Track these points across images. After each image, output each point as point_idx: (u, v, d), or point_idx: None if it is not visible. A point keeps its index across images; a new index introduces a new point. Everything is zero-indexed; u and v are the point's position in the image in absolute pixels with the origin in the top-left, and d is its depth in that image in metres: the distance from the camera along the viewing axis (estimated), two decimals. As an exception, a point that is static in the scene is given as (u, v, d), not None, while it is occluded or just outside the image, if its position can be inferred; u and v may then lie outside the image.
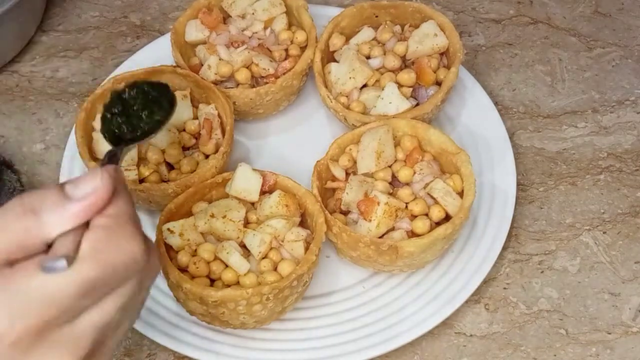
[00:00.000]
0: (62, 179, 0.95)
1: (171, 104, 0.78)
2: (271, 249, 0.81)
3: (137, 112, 0.75)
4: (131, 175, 0.88)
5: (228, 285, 0.80)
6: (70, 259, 0.51)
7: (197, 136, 0.92)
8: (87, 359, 0.53)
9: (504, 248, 0.90)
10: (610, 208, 0.95)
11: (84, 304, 0.52)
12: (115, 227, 0.53)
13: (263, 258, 0.81)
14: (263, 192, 0.86)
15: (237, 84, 0.96)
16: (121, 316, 0.55)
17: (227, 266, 0.80)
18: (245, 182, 0.85)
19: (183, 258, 0.81)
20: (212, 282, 0.81)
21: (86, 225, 0.54)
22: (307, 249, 0.82)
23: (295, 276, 0.78)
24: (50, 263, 0.50)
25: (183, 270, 0.81)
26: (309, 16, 0.99)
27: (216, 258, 0.81)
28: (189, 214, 0.85)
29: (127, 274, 0.53)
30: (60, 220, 0.52)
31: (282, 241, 0.82)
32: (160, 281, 0.86)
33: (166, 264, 0.79)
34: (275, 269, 0.80)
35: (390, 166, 0.88)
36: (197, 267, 0.80)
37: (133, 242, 0.54)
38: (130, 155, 0.88)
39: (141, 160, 0.90)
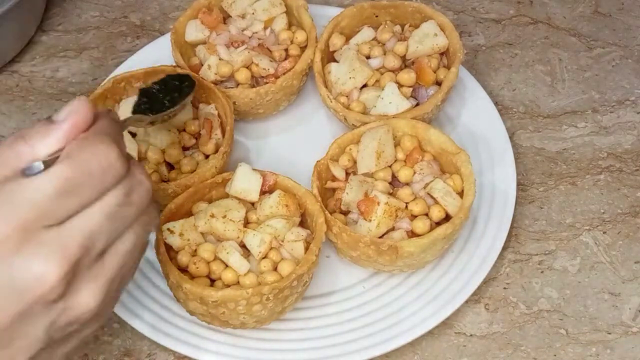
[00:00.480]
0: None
1: (191, 87, 0.86)
2: (271, 249, 0.81)
3: (160, 99, 0.82)
4: None
5: (228, 285, 0.80)
6: (49, 164, 0.55)
7: (197, 136, 0.92)
8: (78, 268, 0.55)
9: (504, 248, 0.90)
10: (610, 208, 0.95)
11: (66, 206, 0.55)
12: (91, 137, 0.57)
13: (263, 258, 0.81)
14: (263, 192, 0.86)
15: (237, 84, 0.96)
16: (110, 228, 0.57)
17: (227, 266, 0.80)
18: (245, 182, 0.85)
19: (183, 258, 0.81)
20: (213, 282, 0.81)
21: None
22: (307, 249, 0.82)
23: (295, 276, 0.78)
24: (29, 166, 0.55)
25: (183, 270, 0.81)
26: (309, 16, 0.99)
27: (216, 258, 0.81)
28: (189, 213, 0.85)
29: (104, 178, 0.56)
30: (47, 142, 0.56)
31: (282, 241, 0.82)
32: (161, 281, 0.86)
33: (166, 264, 0.79)
34: (275, 269, 0.80)
35: (390, 166, 0.88)
36: (197, 268, 0.80)
37: (108, 149, 0.56)
38: (132, 155, 0.88)
39: (141, 160, 0.90)
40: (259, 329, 0.84)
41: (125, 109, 0.92)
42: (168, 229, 0.82)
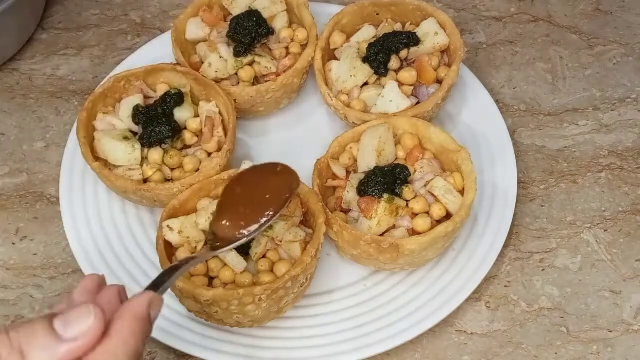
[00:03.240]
0: (62, 178, 0.95)
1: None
2: (269, 249, 0.81)
3: None
4: (135, 175, 0.87)
5: (226, 284, 0.80)
6: None
7: (198, 134, 0.92)
8: None
9: (505, 246, 0.90)
10: (612, 206, 0.95)
11: None
12: None
13: (261, 258, 0.81)
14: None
15: (238, 82, 0.96)
16: None
17: (225, 264, 0.80)
18: (248, 180, 0.85)
19: (182, 255, 0.81)
20: (212, 280, 0.81)
21: None
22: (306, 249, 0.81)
23: (288, 277, 0.77)
24: None
25: (183, 267, 0.81)
26: (309, 14, 0.99)
27: (215, 256, 0.81)
28: (194, 210, 0.85)
29: None
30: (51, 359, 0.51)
31: (280, 242, 0.81)
32: (161, 279, 0.86)
33: (162, 262, 0.79)
34: (272, 269, 0.80)
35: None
36: (195, 266, 0.80)
37: None
38: (134, 155, 0.88)
39: (144, 159, 0.89)
40: (261, 327, 0.84)
41: (125, 110, 0.92)
42: (168, 226, 0.82)
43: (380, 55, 0.93)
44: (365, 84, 0.94)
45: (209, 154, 0.91)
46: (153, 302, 0.57)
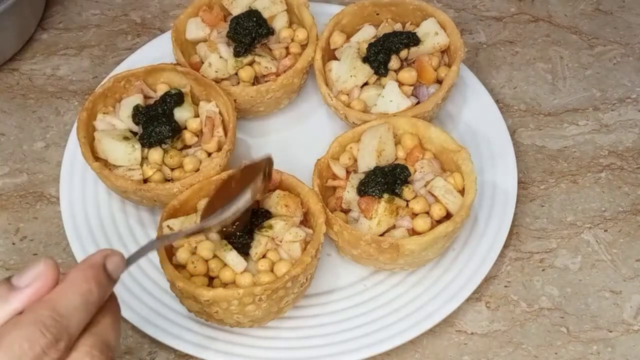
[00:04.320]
0: (62, 178, 0.95)
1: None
2: (269, 249, 0.81)
3: None
4: (135, 175, 0.88)
5: (226, 284, 0.80)
6: None
7: (198, 134, 0.92)
8: None
9: (505, 246, 0.90)
10: (612, 206, 0.95)
11: None
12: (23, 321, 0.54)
13: (261, 258, 0.81)
14: (268, 190, 0.85)
15: (238, 82, 0.96)
16: None
17: (225, 264, 0.80)
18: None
19: (182, 255, 0.81)
20: (212, 279, 0.81)
21: None
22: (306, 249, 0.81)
23: (288, 277, 0.77)
24: None
25: (182, 267, 0.81)
26: (309, 14, 0.99)
27: (215, 256, 0.81)
28: (194, 210, 0.85)
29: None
30: (5, 309, 0.55)
31: (281, 242, 0.81)
32: (162, 279, 0.86)
33: (162, 261, 0.79)
34: (272, 269, 0.80)
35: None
36: (195, 267, 0.80)
37: (36, 335, 0.54)
38: (134, 155, 0.88)
39: (144, 159, 0.89)
40: (261, 327, 0.84)
41: (125, 110, 0.92)
42: (168, 226, 0.82)
43: (380, 55, 0.93)
44: (365, 84, 0.94)
45: (209, 154, 0.91)
46: (109, 255, 0.59)
